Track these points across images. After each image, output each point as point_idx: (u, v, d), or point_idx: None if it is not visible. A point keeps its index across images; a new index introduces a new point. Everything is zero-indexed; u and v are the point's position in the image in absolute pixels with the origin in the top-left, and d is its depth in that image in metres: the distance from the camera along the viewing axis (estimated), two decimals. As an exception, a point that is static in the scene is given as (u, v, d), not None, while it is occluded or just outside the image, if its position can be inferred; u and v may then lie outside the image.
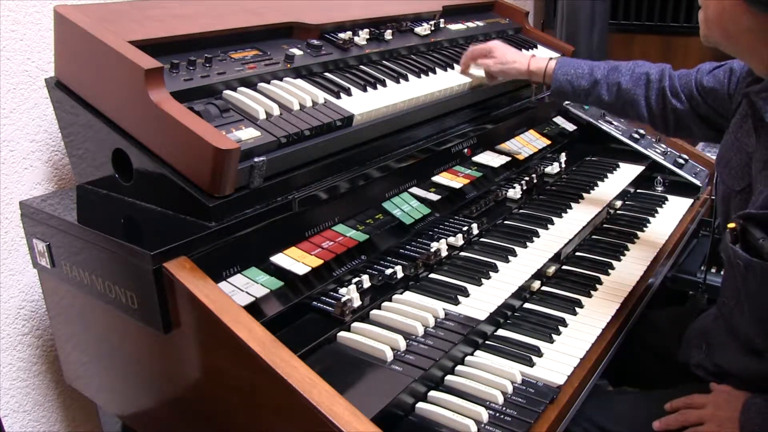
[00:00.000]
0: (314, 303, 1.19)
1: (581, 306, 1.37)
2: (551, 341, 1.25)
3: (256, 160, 1.15)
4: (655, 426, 1.28)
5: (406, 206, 1.46)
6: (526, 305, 1.38)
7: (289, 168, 1.24)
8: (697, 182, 2.01)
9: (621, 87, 1.55)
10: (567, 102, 2.10)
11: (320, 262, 1.21)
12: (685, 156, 2.10)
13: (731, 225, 1.10)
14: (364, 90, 1.47)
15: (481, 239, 1.54)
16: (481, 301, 1.29)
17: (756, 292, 1.09)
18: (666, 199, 1.97)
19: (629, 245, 1.65)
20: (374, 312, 1.22)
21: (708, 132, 1.52)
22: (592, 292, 1.43)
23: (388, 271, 1.29)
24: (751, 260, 1.05)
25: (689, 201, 1.96)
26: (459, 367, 1.16)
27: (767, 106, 1.10)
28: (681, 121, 1.53)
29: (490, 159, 1.73)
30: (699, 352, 1.39)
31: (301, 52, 1.47)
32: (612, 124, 2.14)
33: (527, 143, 1.91)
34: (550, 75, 1.62)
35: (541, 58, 1.67)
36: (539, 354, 1.21)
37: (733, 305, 1.27)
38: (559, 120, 2.16)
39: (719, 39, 1.16)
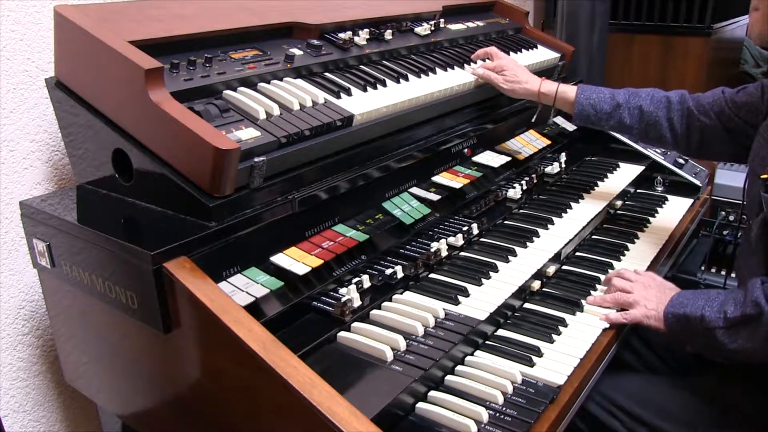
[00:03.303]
0: (314, 303, 1.19)
1: (581, 306, 1.37)
2: (551, 341, 1.25)
3: (256, 160, 1.15)
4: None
5: (406, 206, 1.46)
6: (526, 305, 1.38)
7: (289, 168, 1.24)
8: (697, 182, 2.02)
9: (643, 110, 1.60)
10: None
11: (320, 262, 1.21)
12: (685, 156, 2.10)
13: (764, 176, 1.19)
14: (364, 90, 1.47)
15: (481, 239, 1.54)
16: (481, 301, 1.29)
17: None
18: (666, 199, 1.97)
19: (629, 245, 1.65)
20: (374, 312, 1.22)
21: (732, 149, 1.56)
22: (592, 292, 1.43)
23: (388, 271, 1.29)
24: None
25: (689, 201, 1.96)
26: (459, 367, 1.16)
27: None
28: (706, 138, 1.57)
29: (490, 159, 1.73)
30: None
31: (301, 52, 1.47)
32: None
33: (527, 143, 1.91)
34: (562, 98, 1.67)
35: (551, 81, 1.71)
36: (539, 354, 1.21)
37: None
38: (559, 120, 2.15)
39: None
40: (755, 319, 1.18)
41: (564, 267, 1.54)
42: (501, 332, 1.28)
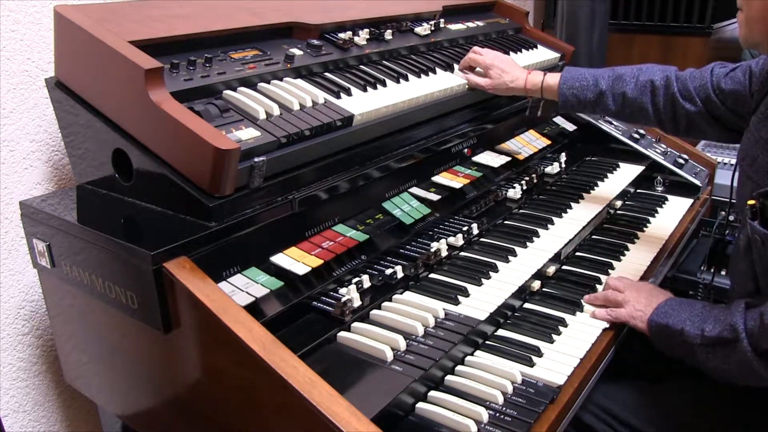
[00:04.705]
0: (314, 303, 1.19)
1: (581, 306, 1.37)
2: (551, 341, 1.25)
3: (256, 160, 1.15)
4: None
5: (406, 206, 1.46)
6: (526, 305, 1.38)
7: (289, 168, 1.24)
8: (697, 182, 2.01)
9: (626, 96, 1.57)
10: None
11: (320, 262, 1.21)
12: (685, 156, 2.10)
13: (751, 201, 1.16)
14: (364, 90, 1.47)
15: (481, 239, 1.54)
16: (481, 301, 1.29)
17: None
18: (666, 199, 1.97)
19: (629, 245, 1.65)
20: (374, 312, 1.22)
21: (722, 132, 1.53)
22: (593, 293, 1.42)
23: (388, 271, 1.29)
24: None
25: (689, 201, 1.96)
26: (459, 367, 1.16)
27: None
28: (693, 123, 1.54)
29: (490, 159, 1.73)
30: None
31: (301, 52, 1.47)
32: (612, 124, 2.14)
33: (527, 143, 1.91)
34: (548, 89, 1.65)
35: (537, 72, 1.68)
36: (539, 354, 1.21)
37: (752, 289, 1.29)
38: (559, 120, 2.16)
39: (761, 39, 1.19)
40: (730, 343, 1.16)
41: (564, 267, 1.54)
42: (501, 332, 1.28)
